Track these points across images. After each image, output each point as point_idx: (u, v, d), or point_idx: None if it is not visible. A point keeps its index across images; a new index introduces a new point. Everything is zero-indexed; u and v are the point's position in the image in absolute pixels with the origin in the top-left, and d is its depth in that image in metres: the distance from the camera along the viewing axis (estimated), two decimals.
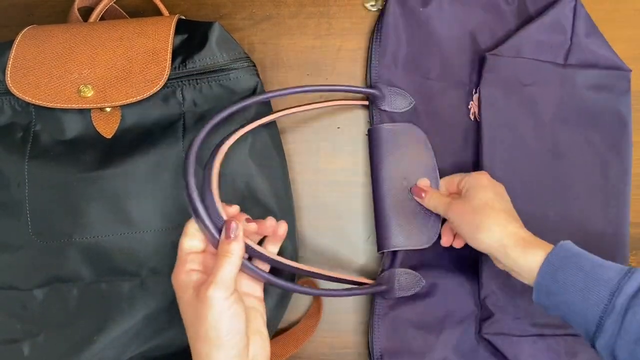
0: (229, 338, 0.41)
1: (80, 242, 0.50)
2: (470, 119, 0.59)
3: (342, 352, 0.59)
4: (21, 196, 0.50)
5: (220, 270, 0.41)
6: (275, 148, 0.55)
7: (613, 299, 0.42)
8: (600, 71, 0.60)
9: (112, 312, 0.50)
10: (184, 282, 0.42)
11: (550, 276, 0.45)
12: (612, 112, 0.60)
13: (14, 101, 0.52)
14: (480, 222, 0.48)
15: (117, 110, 0.53)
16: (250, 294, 0.47)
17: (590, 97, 0.60)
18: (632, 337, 0.41)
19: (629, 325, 0.41)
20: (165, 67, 0.51)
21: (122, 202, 0.50)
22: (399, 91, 0.59)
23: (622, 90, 0.60)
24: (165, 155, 0.51)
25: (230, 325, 0.41)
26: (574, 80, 0.59)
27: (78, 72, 0.51)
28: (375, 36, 0.59)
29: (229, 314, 0.41)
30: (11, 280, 0.51)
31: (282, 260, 0.48)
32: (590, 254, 0.45)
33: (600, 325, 0.43)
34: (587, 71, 0.60)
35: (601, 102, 0.60)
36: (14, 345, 0.50)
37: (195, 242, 0.44)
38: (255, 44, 0.62)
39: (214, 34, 0.53)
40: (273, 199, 0.54)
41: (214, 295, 0.40)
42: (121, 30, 0.53)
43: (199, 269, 0.43)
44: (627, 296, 0.42)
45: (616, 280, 0.42)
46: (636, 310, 0.41)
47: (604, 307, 0.42)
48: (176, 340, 0.52)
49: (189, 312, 0.42)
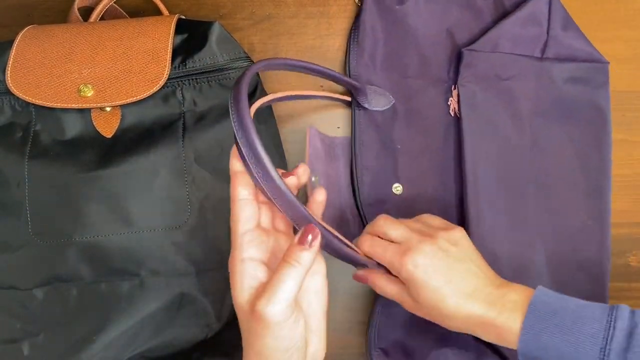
0: (284, 357, 0.36)
1: (80, 241, 0.50)
2: (451, 115, 0.59)
3: (342, 352, 0.59)
4: (21, 196, 0.50)
5: (284, 284, 0.35)
6: (276, 148, 0.55)
7: (605, 358, 0.39)
8: (578, 64, 0.60)
9: (112, 312, 0.50)
10: (240, 273, 0.37)
11: (534, 343, 0.41)
12: (590, 105, 0.60)
13: (14, 101, 0.52)
14: (437, 307, 0.43)
15: (117, 110, 0.53)
16: (319, 273, 0.40)
17: (568, 90, 0.60)
18: None
19: None
20: (165, 66, 0.51)
21: (122, 202, 0.50)
22: (378, 90, 0.59)
23: (599, 82, 0.60)
24: (165, 154, 0.51)
25: (286, 344, 0.36)
26: (552, 74, 0.59)
27: (78, 71, 0.51)
28: (353, 35, 0.60)
29: (284, 333, 0.35)
30: (11, 279, 0.51)
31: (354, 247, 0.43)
32: (566, 297, 0.42)
33: None
34: (564, 64, 0.60)
35: (579, 95, 0.60)
36: (13, 345, 0.50)
37: (245, 220, 0.37)
38: (255, 44, 0.62)
39: (214, 33, 0.53)
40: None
41: (272, 315, 0.34)
42: (121, 30, 0.53)
43: (258, 256, 0.37)
44: (619, 351, 0.39)
45: (602, 335, 0.40)
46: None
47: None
48: (176, 340, 0.52)
49: (240, 316, 0.37)
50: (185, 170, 0.51)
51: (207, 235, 0.52)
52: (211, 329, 0.52)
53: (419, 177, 0.58)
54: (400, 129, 0.59)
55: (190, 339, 0.52)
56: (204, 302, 0.51)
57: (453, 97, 0.59)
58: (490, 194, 0.57)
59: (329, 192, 0.56)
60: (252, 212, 0.38)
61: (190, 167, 0.52)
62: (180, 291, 0.51)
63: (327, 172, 0.58)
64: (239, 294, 0.36)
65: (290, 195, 0.35)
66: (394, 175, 0.58)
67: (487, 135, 0.58)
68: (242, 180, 0.37)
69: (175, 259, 0.51)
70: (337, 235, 0.40)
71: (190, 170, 0.52)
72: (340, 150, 0.59)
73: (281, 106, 0.61)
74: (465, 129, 0.57)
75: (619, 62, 0.61)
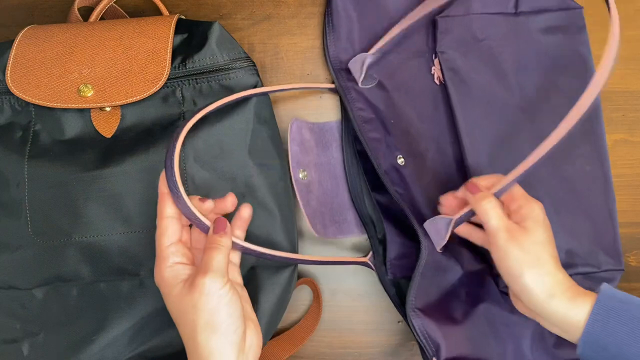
0: (229, 322, 0.41)
1: (80, 241, 0.50)
2: (437, 83, 0.60)
3: (342, 352, 0.59)
4: (21, 196, 0.50)
5: (214, 259, 0.42)
6: (275, 148, 0.55)
7: None
8: (552, 13, 0.60)
9: (112, 312, 0.50)
10: (169, 278, 0.42)
11: (601, 327, 0.41)
12: (572, 52, 0.60)
13: (14, 100, 0.53)
14: (532, 263, 0.44)
15: (116, 110, 0.53)
16: (233, 281, 0.47)
17: (547, 41, 0.60)
18: None
19: None
20: (165, 66, 0.51)
21: (122, 202, 0.50)
22: (357, 65, 0.58)
23: (576, 28, 0.60)
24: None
25: (230, 310, 0.41)
26: (528, 27, 0.60)
27: (78, 71, 0.51)
28: (327, 20, 0.60)
29: (227, 300, 0.41)
30: (11, 279, 0.51)
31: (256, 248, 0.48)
32: (630, 296, 0.43)
33: None
34: (539, 16, 0.60)
35: (559, 44, 0.60)
36: (13, 345, 0.50)
37: (171, 234, 0.43)
38: (255, 44, 0.62)
39: (214, 33, 0.53)
40: (273, 198, 0.54)
41: (211, 283, 0.40)
42: (121, 30, 0.53)
43: (183, 261, 0.43)
44: None
45: None
46: None
47: None
48: (176, 340, 0.52)
49: (181, 306, 0.41)
50: (185, 170, 0.51)
51: None
52: None
53: (416, 148, 0.59)
54: (390, 104, 0.59)
55: None
56: None
57: (435, 65, 0.60)
58: (489, 154, 0.57)
59: (324, 181, 0.58)
60: (176, 228, 0.44)
61: (189, 167, 0.52)
62: None
63: (319, 162, 0.58)
64: (173, 288, 0.42)
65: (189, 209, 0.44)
66: (394, 147, 0.59)
67: (476, 98, 0.58)
68: (169, 200, 0.44)
69: None
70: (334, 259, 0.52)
71: (190, 170, 0.52)
72: (331, 135, 0.60)
73: (281, 106, 0.61)
74: (452, 95, 0.58)
75: (619, 62, 0.61)
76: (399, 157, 0.58)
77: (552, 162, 0.58)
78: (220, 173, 0.52)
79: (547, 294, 0.43)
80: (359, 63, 0.58)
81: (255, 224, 0.53)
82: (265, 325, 0.53)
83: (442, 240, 0.51)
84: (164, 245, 0.43)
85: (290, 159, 0.55)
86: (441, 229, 0.51)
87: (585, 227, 0.58)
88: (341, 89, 0.59)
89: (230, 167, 0.52)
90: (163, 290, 0.43)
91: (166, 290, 0.43)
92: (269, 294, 0.53)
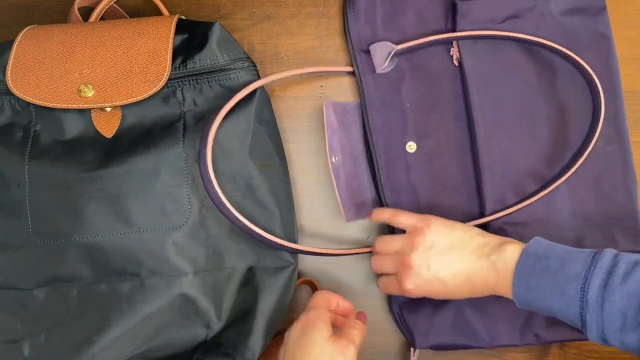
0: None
1: (81, 241, 0.50)
2: (455, 65, 0.60)
3: None
4: (21, 196, 0.50)
5: (358, 337, 0.47)
6: (275, 148, 0.55)
7: (584, 295, 0.42)
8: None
9: (112, 313, 0.50)
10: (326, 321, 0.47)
11: (524, 287, 0.46)
12: (592, 32, 0.60)
13: (14, 101, 0.53)
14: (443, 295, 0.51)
15: (117, 110, 0.53)
16: None
17: (567, 22, 0.60)
18: (616, 326, 0.41)
19: (610, 316, 0.42)
20: (165, 67, 0.51)
21: (122, 202, 0.50)
22: (379, 53, 0.59)
23: (598, 8, 0.61)
24: (166, 154, 0.51)
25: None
26: (548, 9, 0.60)
27: (78, 72, 0.51)
28: (348, 2, 0.60)
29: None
30: (11, 280, 0.51)
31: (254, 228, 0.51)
32: (558, 246, 0.46)
33: (584, 322, 0.43)
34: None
35: (579, 25, 0.60)
36: (14, 345, 0.50)
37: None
38: (255, 44, 0.62)
39: (215, 34, 0.53)
40: (273, 199, 0.54)
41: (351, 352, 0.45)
42: (121, 30, 0.53)
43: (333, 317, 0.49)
44: (597, 289, 0.42)
45: (583, 274, 0.43)
46: (612, 300, 0.41)
47: (580, 305, 0.43)
48: (176, 341, 0.52)
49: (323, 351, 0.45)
50: (185, 170, 0.51)
51: (207, 235, 0.52)
52: (211, 329, 0.52)
53: (432, 130, 0.59)
54: (408, 87, 0.60)
55: (190, 339, 0.52)
56: (204, 302, 0.51)
57: (454, 47, 0.60)
58: (503, 134, 0.58)
59: (347, 163, 0.59)
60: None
61: (190, 167, 0.52)
62: (180, 291, 0.51)
63: (342, 144, 0.59)
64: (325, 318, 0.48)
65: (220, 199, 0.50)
66: (405, 134, 0.59)
67: (492, 79, 0.59)
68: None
69: (175, 259, 0.51)
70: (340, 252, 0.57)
71: (190, 170, 0.52)
72: (351, 116, 0.60)
73: (282, 106, 0.61)
74: (469, 77, 0.59)
75: (619, 62, 0.61)
76: (409, 143, 0.59)
77: (573, 138, 0.59)
78: (221, 173, 0.52)
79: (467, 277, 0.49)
80: (384, 51, 0.58)
81: (255, 225, 0.53)
82: (265, 326, 0.53)
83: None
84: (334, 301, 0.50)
85: (327, 145, 0.55)
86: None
87: (603, 209, 0.58)
88: (358, 72, 0.59)
89: (231, 168, 0.53)
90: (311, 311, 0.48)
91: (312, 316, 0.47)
92: (268, 295, 0.53)
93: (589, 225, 0.58)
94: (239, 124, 0.53)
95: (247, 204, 0.53)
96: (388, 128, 0.59)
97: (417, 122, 0.59)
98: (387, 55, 0.58)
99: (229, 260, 0.53)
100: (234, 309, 0.53)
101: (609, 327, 0.42)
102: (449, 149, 0.59)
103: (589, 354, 0.60)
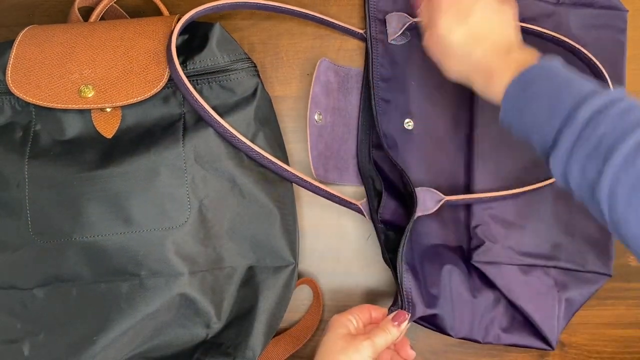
0: None
1: (80, 241, 0.50)
2: None
3: None
4: (21, 196, 0.51)
5: (380, 337, 0.48)
6: (278, 148, 0.55)
7: (576, 110, 0.40)
8: (595, 10, 0.60)
9: (112, 312, 0.50)
10: (343, 323, 0.49)
11: (521, 89, 0.44)
12: (605, 49, 0.60)
13: (14, 101, 0.53)
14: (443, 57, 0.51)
15: (117, 111, 0.53)
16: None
17: (581, 36, 0.59)
18: (585, 151, 0.40)
19: (586, 139, 0.40)
20: (165, 67, 0.52)
21: (122, 202, 0.50)
22: (396, 22, 0.59)
23: (619, 29, 0.60)
24: (166, 154, 0.51)
25: None
26: (568, 19, 0.60)
27: (79, 72, 0.51)
28: None
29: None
30: (11, 279, 0.51)
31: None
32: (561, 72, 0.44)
33: (558, 138, 0.41)
34: (581, 10, 0.60)
35: (592, 41, 0.59)
36: (14, 345, 0.51)
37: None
38: (255, 44, 0.62)
39: (215, 35, 0.53)
40: (273, 199, 0.54)
41: (366, 350, 0.46)
42: (122, 31, 0.53)
43: (355, 323, 0.50)
44: (592, 109, 0.40)
45: (586, 93, 0.41)
46: (598, 123, 0.39)
47: (566, 117, 0.41)
48: (176, 340, 0.52)
49: (336, 343, 0.47)
50: (185, 170, 0.51)
51: (207, 235, 0.52)
52: (211, 328, 0.52)
53: (432, 113, 0.59)
54: (417, 65, 0.59)
55: (190, 338, 0.52)
56: (204, 302, 0.51)
57: None
58: (501, 128, 0.58)
59: (337, 126, 0.59)
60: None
61: (190, 167, 0.52)
62: (180, 291, 0.51)
63: (337, 106, 0.59)
64: (344, 325, 0.49)
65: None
66: (406, 110, 0.59)
67: None
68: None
69: (175, 258, 0.51)
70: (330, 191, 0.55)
71: (190, 170, 0.52)
72: (354, 83, 0.61)
73: (283, 106, 0.61)
74: None
75: None
76: (407, 121, 0.59)
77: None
78: (221, 173, 0.52)
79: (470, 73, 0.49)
80: (400, 22, 0.58)
81: (255, 225, 0.53)
82: (265, 325, 0.53)
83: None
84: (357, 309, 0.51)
85: (310, 99, 0.55)
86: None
87: (581, 224, 0.58)
88: (370, 39, 0.59)
89: (231, 169, 0.53)
90: (332, 325, 0.49)
91: (334, 326, 0.49)
92: (268, 294, 0.53)
93: (565, 239, 0.58)
94: (239, 125, 0.53)
95: (247, 205, 0.53)
96: (390, 100, 0.59)
97: (419, 102, 0.59)
98: (402, 25, 0.58)
99: (229, 260, 0.53)
100: (234, 309, 0.53)
101: (578, 150, 0.40)
102: (446, 135, 0.59)
103: (589, 354, 0.61)
